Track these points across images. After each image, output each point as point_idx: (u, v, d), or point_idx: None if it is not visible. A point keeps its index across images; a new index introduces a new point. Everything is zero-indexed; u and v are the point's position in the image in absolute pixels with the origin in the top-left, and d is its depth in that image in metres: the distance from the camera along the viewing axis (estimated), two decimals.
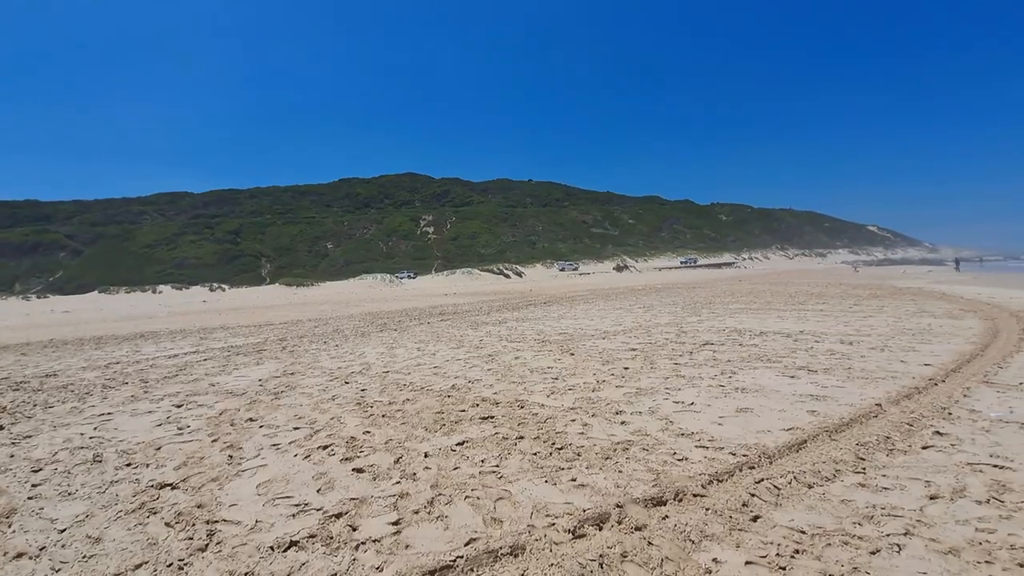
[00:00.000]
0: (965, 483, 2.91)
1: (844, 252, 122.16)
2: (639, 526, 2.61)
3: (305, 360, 8.12)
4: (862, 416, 4.12)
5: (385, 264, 66.78)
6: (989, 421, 3.88)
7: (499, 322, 12.68)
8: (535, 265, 71.32)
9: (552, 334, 9.87)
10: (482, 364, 7.08)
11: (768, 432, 3.86)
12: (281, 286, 52.61)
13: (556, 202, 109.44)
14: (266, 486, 3.33)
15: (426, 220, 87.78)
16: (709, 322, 10.65)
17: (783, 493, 2.88)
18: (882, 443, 3.54)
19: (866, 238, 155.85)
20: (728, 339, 8.22)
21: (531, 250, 79.42)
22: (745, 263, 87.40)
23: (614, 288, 30.12)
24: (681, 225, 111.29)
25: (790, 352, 6.88)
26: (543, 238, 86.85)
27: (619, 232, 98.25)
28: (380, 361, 7.71)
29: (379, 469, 3.52)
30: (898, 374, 5.42)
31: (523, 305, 18.53)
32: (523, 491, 3.08)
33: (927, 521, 2.54)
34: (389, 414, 4.82)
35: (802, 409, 4.38)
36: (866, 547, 2.34)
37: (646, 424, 4.19)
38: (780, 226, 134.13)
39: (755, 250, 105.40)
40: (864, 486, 2.93)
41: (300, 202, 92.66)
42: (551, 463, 3.48)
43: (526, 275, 64.63)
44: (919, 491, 2.84)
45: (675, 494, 2.91)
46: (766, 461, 3.34)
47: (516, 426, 4.29)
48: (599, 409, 4.66)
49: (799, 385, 5.16)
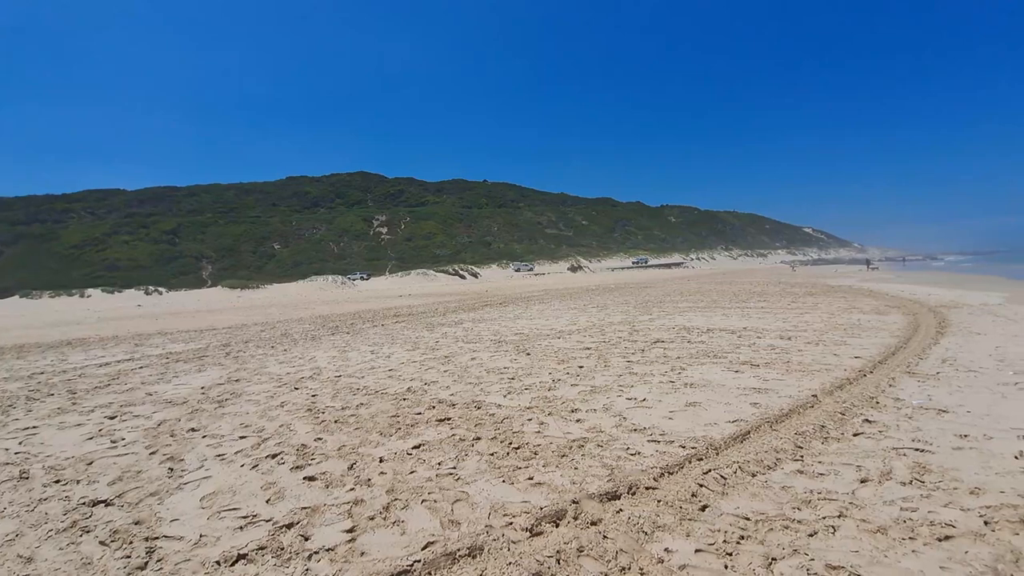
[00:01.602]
0: (891, 466, 3.14)
1: (783, 252, 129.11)
2: (595, 521, 2.66)
3: (251, 366, 7.79)
4: (800, 407, 4.37)
5: (337, 265, 64.94)
6: (911, 408, 4.21)
7: (455, 323, 12.61)
8: (491, 266, 71.36)
9: (508, 334, 9.91)
10: (438, 366, 7.02)
11: (715, 425, 4.03)
12: (224, 289, 50.14)
13: (511, 203, 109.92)
14: (210, 499, 3.17)
15: (379, 220, 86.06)
16: (660, 320, 11.00)
17: (729, 482, 3.02)
18: (818, 432, 3.77)
19: (802, 239, 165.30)
20: (678, 337, 8.52)
21: (487, 251, 79.40)
22: (693, 263, 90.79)
23: (569, 288, 30.57)
24: (633, 226, 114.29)
25: (734, 348, 7.21)
26: (499, 239, 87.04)
27: (573, 233, 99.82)
28: (332, 365, 7.50)
29: (332, 476, 3.43)
30: (832, 366, 5.78)
31: (479, 306, 18.51)
32: (481, 492, 3.08)
33: (858, 503, 2.72)
34: (342, 419, 4.70)
35: (746, 402, 4.60)
36: (804, 530, 2.49)
37: (601, 421, 4.28)
38: (725, 227, 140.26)
39: (702, 250, 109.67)
40: (802, 473, 3.12)
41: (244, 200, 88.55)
42: (508, 463, 3.50)
43: (482, 276, 64.58)
44: (851, 475, 3.05)
45: (629, 488, 2.99)
46: (713, 453, 3.49)
47: (473, 427, 4.29)
48: (555, 408, 4.73)
49: (743, 379, 5.42)
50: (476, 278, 62.64)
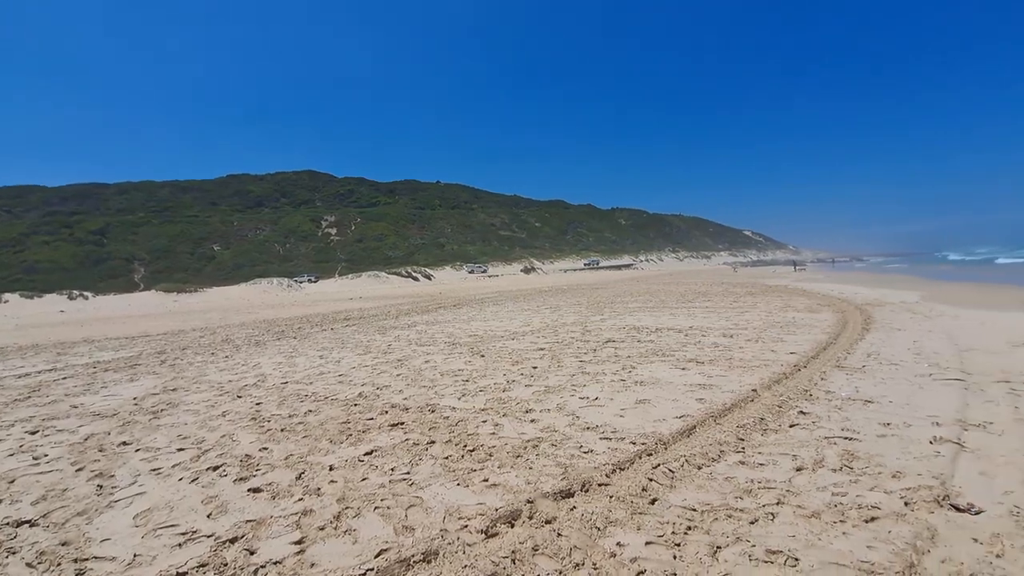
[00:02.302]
0: (823, 455, 3.35)
1: (725, 254, 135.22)
2: (549, 519, 2.70)
3: (189, 374, 7.37)
4: (741, 401, 4.60)
5: (282, 267, 62.46)
6: (840, 400, 4.51)
7: (408, 326, 12.43)
8: (444, 267, 70.80)
9: (462, 336, 9.86)
10: (391, 370, 6.89)
11: (663, 421, 4.17)
12: (159, 293, 47.18)
13: (465, 204, 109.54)
14: (145, 516, 2.98)
15: (328, 221, 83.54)
16: (611, 320, 11.26)
17: (677, 476, 3.13)
18: (758, 424, 3.97)
19: (743, 241, 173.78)
20: (628, 336, 8.75)
21: (440, 252, 78.71)
22: (642, 264, 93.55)
23: (522, 290, 30.77)
24: (584, 228, 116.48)
25: (681, 346, 7.48)
26: (452, 240, 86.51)
27: (526, 235, 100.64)
28: (278, 372, 7.22)
29: (279, 487, 3.30)
30: (770, 362, 6.11)
31: (433, 308, 18.32)
32: (435, 496, 3.05)
33: (794, 490, 2.89)
34: (289, 428, 4.53)
35: (692, 398, 4.78)
36: (746, 518, 2.62)
37: (554, 420, 4.34)
38: (672, 230, 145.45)
39: (651, 252, 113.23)
40: (744, 463, 3.28)
41: (180, 199, 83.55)
42: (463, 465, 3.48)
43: (436, 277, 63.95)
44: (788, 464, 3.23)
45: (582, 485, 3.05)
46: (662, 447, 3.61)
47: (427, 431, 4.24)
48: (510, 409, 4.75)
49: (689, 376, 5.63)
50: (429, 280, 61.97)
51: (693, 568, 2.24)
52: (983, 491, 2.76)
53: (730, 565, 2.25)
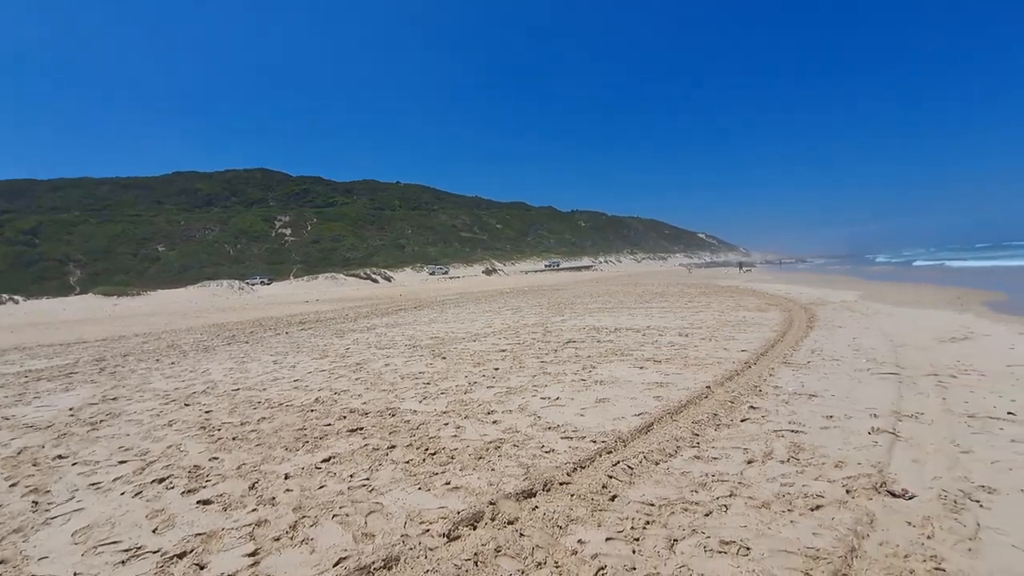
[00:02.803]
0: (772, 447, 3.51)
1: (681, 256, 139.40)
2: (511, 520, 2.70)
3: (131, 382, 6.98)
4: (696, 398, 4.75)
5: (233, 269, 59.97)
6: (787, 395, 4.74)
7: (367, 328, 12.18)
8: (405, 269, 69.80)
9: (423, 338, 9.76)
10: (349, 374, 6.74)
11: (622, 419, 4.26)
12: (97, 296, 44.37)
13: (426, 205, 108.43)
14: (85, 532, 2.81)
15: (283, 221, 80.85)
16: (572, 321, 11.40)
17: (636, 472, 3.21)
18: (712, 419, 4.11)
19: (697, 244, 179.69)
20: (588, 336, 8.89)
21: (400, 254, 77.58)
22: (602, 266, 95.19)
23: (484, 291, 30.73)
24: (545, 230, 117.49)
25: (639, 346, 7.67)
26: (413, 242, 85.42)
27: (487, 236, 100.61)
28: (229, 378, 6.93)
29: (231, 498, 3.17)
30: (723, 360, 6.34)
31: (393, 310, 18.03)
32: (396, 501, 3.01)
33: (746, 482, 3.01)
34: (241, 436, 4.36)
35: (650, 396, 4.90)
36: (701, 510, 2.71)
37: (516, 421, 4.35)
38: (630, 232, 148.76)
39: (610, 254, 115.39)
40: (699, 458, 3.39)
41: (122, 197, 78.82)
42: (425, 469, 3.45)
43: (395, 279, 62.95)
44: (740, 458, 3.36)
45: (544, 485, 3.07)
46: (621, 445, 3.69)
47: (387, 435, 4.17)
48: (471, 411, 4.73)
49: (647, 374, 5.77)
50: (389, 282, 60.95)
51: (651, 562, 2.30)
52: (915, 477, 2.96)
53: (686, 557, 2.32)
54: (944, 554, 2.23)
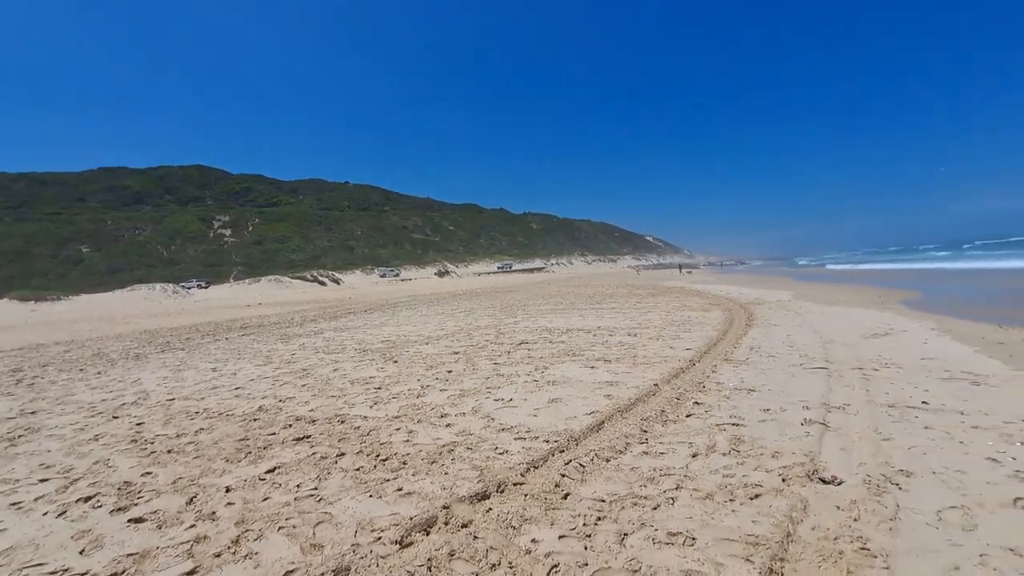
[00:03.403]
0: (715, 441, 3.67)
1: (629, 258, 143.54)
2: (465, 523, 2.69)
3: (53, 394, 6.43)
4: (645, 395, 4.90)
5: (167, 272, 56.46)
6: (729, 390, 4.97)
7: (315, 333, 11.78)
8: (354, 271, 68.07)
9: (374, 342, 9.54)
10: (295, 380, 6.49)
11: (574, 418, 4.33)
12: (12, 301, 40.56)
13: (376, 206, 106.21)
14: (7, 555, 2.58)
15: (222, 221, 76.95)
16: (524, 323, 11.48)
17: (587, 470, 3.27)
18: (659, 416, 4.25)
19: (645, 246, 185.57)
20: (541, 337, 8.98)
21: (349, 255, 75.57)
22: (554, 268, 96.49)
23: (436, 293, 30.43)
24: (497, 232, 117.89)
25: (590, 346, 7.82)
26: (362, 243, 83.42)
27: (440, 238, 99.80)
28: (163, 388, 6.52)
29: (166, 514, 2.98)
30: (669, 358, 6.57)
31: (342, 314, 17.53)
32: (346, 510, 2.92)
33: (691, 475, 3.13)
34: (177, 449, 4.11)
35: (600, 395, 5.01)
36: (650, 504, 2.79)
37: (470, 424, 4.34)
38: (581, 235, 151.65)
39: (561, 256, 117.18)
40: (647, 453, 3.50)
41: (41, 194, 72.51)
42: (376, 476, 3.37)
43: (344, 282, 61.26)
44: (685, 452, 3.50)
45: (497, 486, 3.07)
46: (573, 444, 3.75)
47: (336, 443, 4.05)
48: (424, 414, 4.67)
49: (598, 374, 5.90)
50: (338, 284, 59.23)
51: (603, 556, 2.35)
52: (843, 464, 3.17)
53: (636, 550, 2.39)
54: (869, 534, 2.41)
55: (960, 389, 4.64)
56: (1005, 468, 3.00)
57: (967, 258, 42.46)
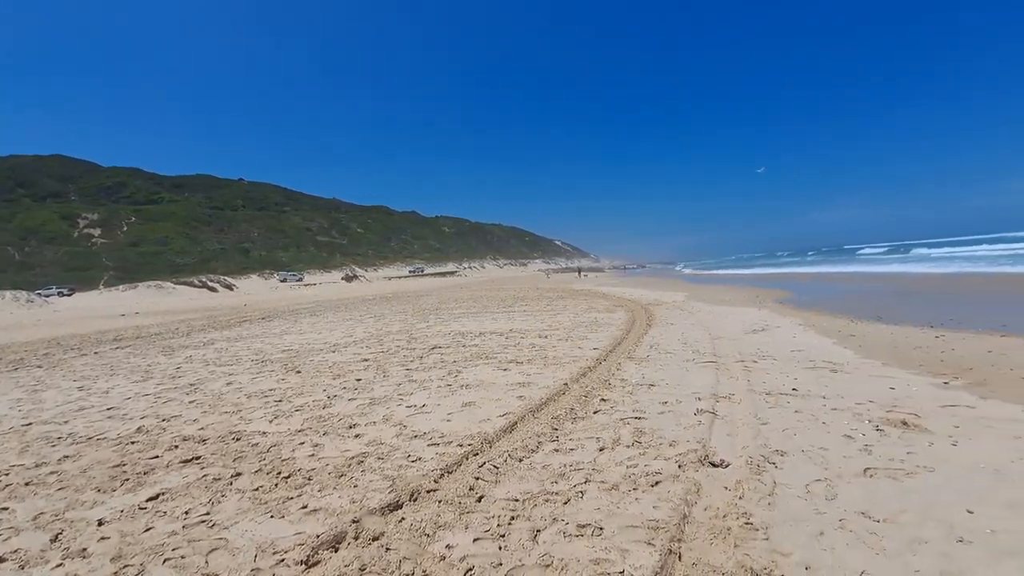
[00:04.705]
0: (620, 434, 3.88)
1: (539, 262, 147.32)
2: (376, 536, 2.61)
3: None
4: (555, 394, 5.06)
5: (19, 277, 48.56)
6: (632, 386, 5.28)
7: (204, 344, 10.77)
8: (250, 276, 63.07)
9: (274, 352, 8.93)
10: (181, 396, 5.90)
11: (488, 420, 4.37)
12: None
13: (276, 206, 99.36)
14: None
15: (89, 219, 67.80)
16: (437, 327, 11.36)
17: (501, 471, 3.31)
18: (569, 414, 4.42)
19: (554, 250, 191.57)
20: (454, 342, 8.94)
21: (245, 259, 69.94)
22: (466, 272, 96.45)
23: (343, 298, 29.15)
24: (409, 236, 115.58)
25: (503, 348, 7.93)
26: (260, 246, 77.63)
27: (347, 241, 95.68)
28: (16, 411, 5.62)
29: (27, 554, 2.58)
30: (578, 358, 6.84)
31: (236, 322, 16.20)
32: (244, 534, 2.71)
33: (598, 468, 3.29)
34: (37, 480, 3.57)
35: (513, 396, 5.10)
36: (561, 499, 2.89)
37: (381, 433, 4.21)
38: (492, 239, 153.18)
39: (474, 259, 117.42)
40: (558, 451, 3.62)
41: None
42: (277, 495, 3.16)
43: (239, 287, 56.58)
44: (593, 446, 3.66)
45: (410, 495, 3.01)
46: (487, 446, 3.77)
47: (231, 462, 3.74)
48: (331, 426, 4.46)
49: (511, 376, 6.00)
50: (231, 290, 54.57)
51: (517, 555, 2.40)
52: (729, 448, 3.51)
53: (548, 545, 2.46)
54: (751, 510, 2.68)
55: (822, 376, 5.32)
56: (857, 443, 3.49)
57: (810, 263, 48.82)
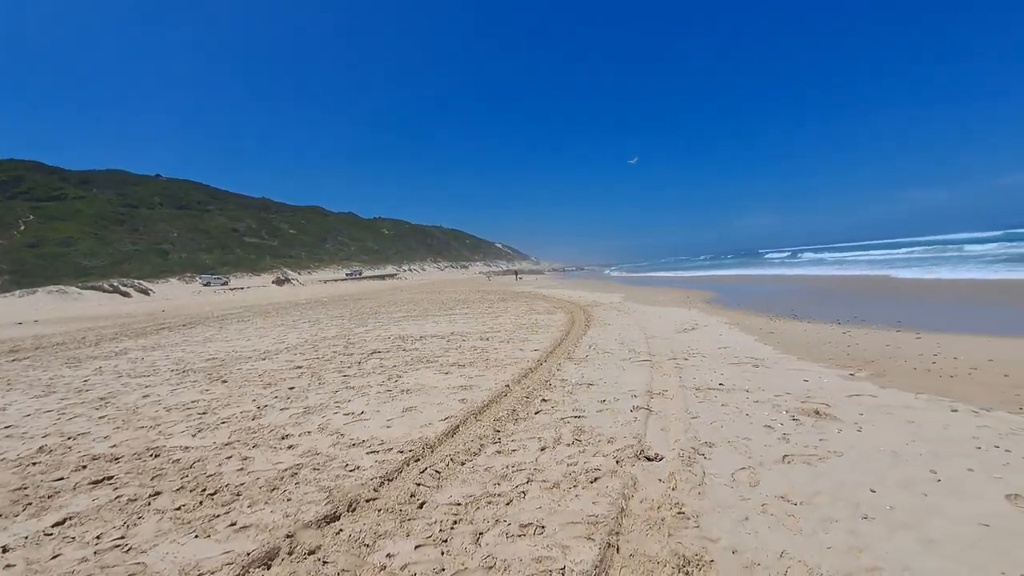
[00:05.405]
0: (560, 433, 3.96)
1: (480, 264, 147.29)
2: (312, 549, 2.51)
3: None
4: (497, 396, 5.08)
5: None
6: (572, 386, 5.40)
7: (116, 354, 9.90)
8: (169, 280, 58.58)
9: (196, 361, 8.36)
10: (90, 412, 5.39)
11: (430, 425, 4.32)
12: None
13: (198, 205, 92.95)
14: None
15: None
16: (376, 331, 11.08)
17: (443, 475, 3.28)
18: (511, 415, 4.45)
19: (495, 253, 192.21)
20: (394, 346, 8.75)
21: (162, 261, 64.89)
22: (406, 274, 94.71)
23: (275, 303, 27.76)
24: (346, 237, 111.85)
25: (444, 351, 7.86)
26: (180, 247, 72.31)
27: (279, 243, 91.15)
28: None
29: None
30: (519, 359, 6.91)
31: (153, 330, 15.01)
32: (164, 557, 2.52)
33: (540, 468, 3.34)
34: None
35: (455, 399, 5.07)
36: (503, 500, 2.91)
37: (316, 443, 4.05)
38: (433, 241, 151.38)
39: (414, 262, 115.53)
40: (500, 452, 3.64)
41: None
42: (202, 513, 2.96)
43: (156, 292, 52.42)
44: (535, 446, 3.71)
45: (349, 505, 2.92)
46: (429, 451, 3.73)
47: (149, 481, 3.46)
48: (261, 438, 4.24)
49: (452, 379, 5.96)
50: (147, 295, 50.47)
51: (460, 559, 2.39)
52: (663, 442, 3.67)
53: (491, 547, 2.47)
54: (683, 500, 2.82)
55: (745, 371, 5.69)
56: (776, 432, 3.77)
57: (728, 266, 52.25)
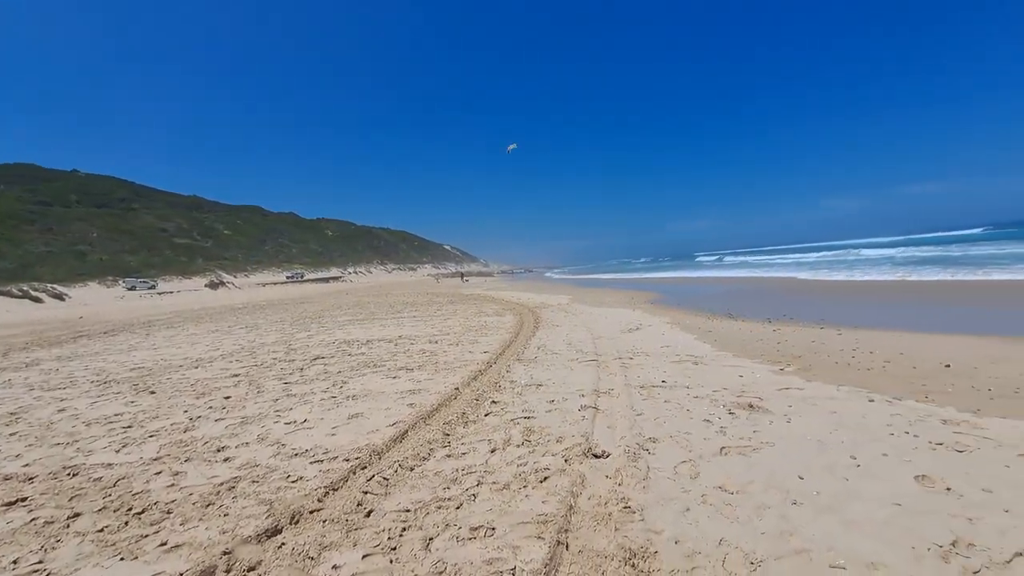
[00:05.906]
0: (510, 434, 3.98)
1: (429, 267, 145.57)
2: (252, 565, 2.39)
3: None
4: (447, 400, 5.04)
5: None
6: (521, 387, 5.44)
7: (26, 365, 9.03)
8: (87, 284, 54.00)
9: (120, 371, 7.76)
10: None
11: (377, 431, 4.22)
12: None
13: (120, 203, 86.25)
14: None
15: None
16: (319, 336, 10.70)
17: (391, 482, 3.22)
18: (460, 418, 4.43)
19: (443, 255, 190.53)
20: (338, 351, 8.49)
21: (80, 264, 59.74)
22: (352, 277, 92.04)
23: (208, 308, 26.23)
24: (287, 239, 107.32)
25: (392, 356, 7.71)
26: (100, 248, 66.84)
27: (212, 244, 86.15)
28: None
29: None
30: (468, 362, 6.88)
31: (70, 338, 13.81)
32: None
33: (490, 470, 3.34)
34: None
35: (403, 404, 4.98)
36: (453, 504, 2.89)
37: (255, 454, 3.87)
38: (380, 243, 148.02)
39: (360, 264, 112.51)
40: (450, 456, 3.61)
41: None
42: (129, 534, 2.76)
43: (72, 297, 48.15)
44: (484, 449, 3.71)
45: (291, 518, 2.81)
46: (376, 458, 3.64)
47: (67, 502, 3.18)
48: (195, 451, 3.99)
49: (400, 383, 5.85)
50: (62, 300, 46.27)
51: (410, 566, 2.35)
52: (610, 440, 3.77)
53: (441, 552, 2.45)
54: (629, 495, 2.91)
55: (686, 368, 5.94)
56: (714, 426, 3.96)
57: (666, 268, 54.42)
